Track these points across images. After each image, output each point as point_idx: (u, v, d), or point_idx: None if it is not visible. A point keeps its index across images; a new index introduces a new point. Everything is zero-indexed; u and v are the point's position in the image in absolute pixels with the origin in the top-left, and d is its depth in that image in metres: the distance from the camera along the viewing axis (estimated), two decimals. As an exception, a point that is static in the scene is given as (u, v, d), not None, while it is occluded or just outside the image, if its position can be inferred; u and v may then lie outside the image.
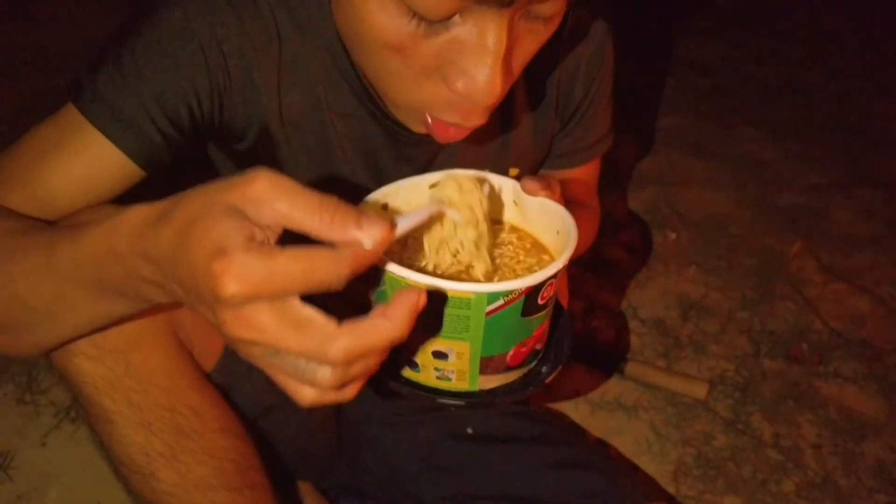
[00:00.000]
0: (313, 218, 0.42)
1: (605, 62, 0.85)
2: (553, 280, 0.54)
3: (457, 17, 0.52)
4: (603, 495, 0.85)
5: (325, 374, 0.43)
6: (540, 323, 0.57)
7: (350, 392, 0.46)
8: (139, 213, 0.47)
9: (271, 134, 0.72)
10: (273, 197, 0.42)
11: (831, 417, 1.27)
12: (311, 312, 0.42)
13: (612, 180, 1.10)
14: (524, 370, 0.60)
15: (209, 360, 0.73)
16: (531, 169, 0.89)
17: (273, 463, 0.78)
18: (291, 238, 0.43)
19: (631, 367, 1.29)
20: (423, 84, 0.57)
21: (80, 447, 1.09)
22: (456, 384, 0.57)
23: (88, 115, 0.64)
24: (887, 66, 2.56)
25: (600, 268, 1.57)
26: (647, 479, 1.14)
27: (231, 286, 0.40)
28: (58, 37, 2.27)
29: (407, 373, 0.58)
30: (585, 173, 0.95)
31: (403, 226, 0.47)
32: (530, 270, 0.61)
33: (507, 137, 0.82)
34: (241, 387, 0.75)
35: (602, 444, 1.18)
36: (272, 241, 0.42)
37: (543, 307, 0.56)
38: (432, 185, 0.64)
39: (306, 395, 0.44)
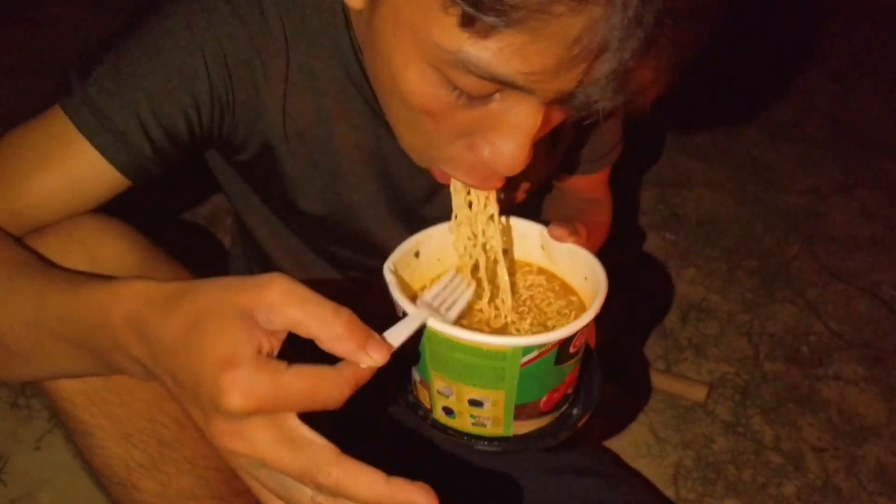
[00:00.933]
0: (323, 329, 0.43)
1: None
2: (584, 329, 0.55)
3: (497, 95, 0.50)
4: (604, 501, 0.84)
5: (306, 496, 0.43)
6: (571, 369, 0.59)
7: None
8: (142, 290, 0.46)
9: (273, 148, 0.70)
10: (286, 304, 0.42)
11: (832, 420, 1.26)
12: (311, 434, 0.43)
13: (612, 182, 1.09)
14: (556, 414, 0.61)
15: None
16: (543, 183, 0.88)
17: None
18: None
19: (630, 370, 1.28)
20: (447, 146, 0.56)
21: (74, 451, 1.08)
22: (491, 430, 0.58)
23: (77, 122, 0.62)
24: (887, 68, 2.56)
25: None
26: (647, 483, 1.13)
27: (236, 400, 0.40)
28: (59, 39, 2.27)
29: (443, 418, 0.59)
30: (600, 178, 0.97)
31: (398, 339, 0.48)
32: (560, 313, 0.63)
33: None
34: None
35: (602, 448, 1.17)
36: (276, 347, 0.43)
37: (575, 355, 0.57)
38: (456, 223, 0.65)
39: None
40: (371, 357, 0.44)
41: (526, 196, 0.85)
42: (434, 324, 0.52)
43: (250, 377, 0.40)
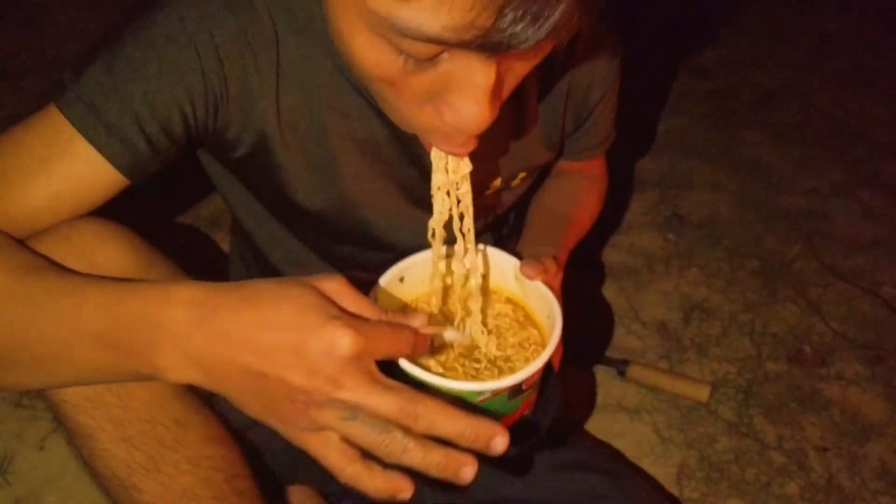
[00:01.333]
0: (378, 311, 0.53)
1: (618, 70, 0.88)
2: (534, 373, 0.62)
3: (445, 55, 0.50)
4: (606, 498, 0.84)
5: (394, 437, 0.49)
6: (526, 398, 0.66)
7: (384, 488, 0.53)
8: (200, 286, 0.52)
9: (268, 139, 0.70)
10: (345, 293, 0.52)
11: (835, 420, 1.26)
12: (395, 381, 0.50)
13: (614, 183, 1.10)
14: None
15: None
16: (539, 175, 0.90)
17: (265, 471, 0.77)
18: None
19: (633, 370, 1.28)
20: (417, 112, 0.56)
21: (79, 451, 1.08)
22: None
23: (72, 119, 0.61)
24: (886, 69, 2.56)
25: (602, 270, 1.56)
26: (651, 480, 1.13)
27: (348, 337, 0.47)
28: (58, 41, 2.27)
29: None
30: (593, 165, 1.01)
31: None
32: (521, 345, 0.71)
33: (517, 143, 0.82)
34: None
35: (605, 446, 1.17)
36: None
37: (527, 390, 0.64)
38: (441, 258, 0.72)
39: (350, 471, 0.52)
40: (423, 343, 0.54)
41: (522, 183, 0.87)
42: (405, 365, 0.58)
43: (352, 323, 0.47)
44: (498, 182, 0.83)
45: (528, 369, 0.60)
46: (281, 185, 0.74)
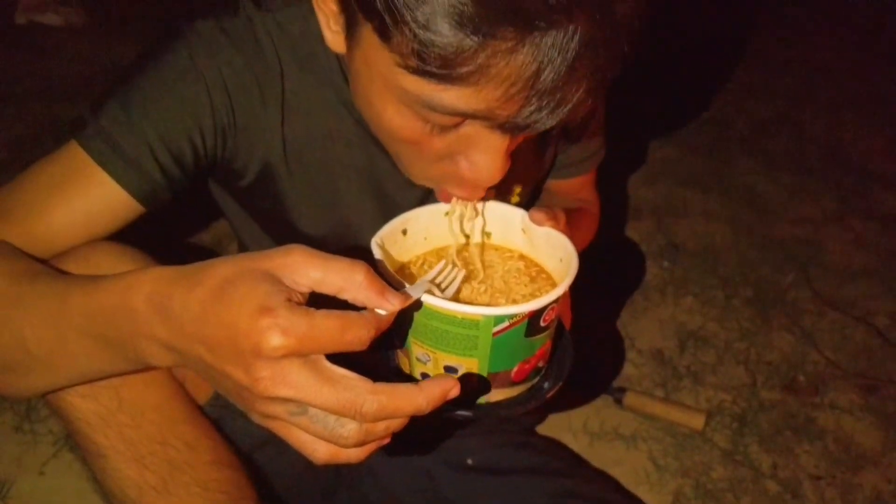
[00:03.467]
0: (345, 281, 0.46)
1: None
2: (554, 305, 0.59)
3: (466, 121, 0.56)
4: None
5: (350, 429, 0.46)
6: (542, 343, 0.62)
7: (364, 453, 0.49)
8: (160, 274, 0.49)
9: (273, 168, 0.74)
10: (308, 265, 0.46)
11: (829, 449, 1.28)
12: (345, 371, 0.46)
13: (610, 211, 1.11)
14: (528, 385, 0.64)
15: (202, 393, 0.74)
16: (535, 186, 0.92)
17: (270, 494, 0.78)
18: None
19: (629, 398, 1.29)
20: (433, 166, 0.62)
21: (79, 476, 1.09)
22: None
23: (91, 152, 0.65)
24: (877, 99, 2.60)
25: (598, 298, 1.58)
26: (647, 510, 1.14)
27: (276, 339, 0.43)
28: (62, 68, 2.30)
29: None
30: (585, 181, 1.01)
31: (412, 294, 0.53)
32: (532, 295, 0.66)
33: (511, 158, 0.84)
34: (234, 419, 0.75)
35: (601, 474, 1.18)
36: (303, 303, 0.46)
37: (545, 329, 0.61)
38: (447, 213, 0.70)
39: (323, 452, 0.47)
40: (390, 303, 0.47)
41: (520, 199, 0.89)
42: (412, 290, 0.55)
43: (286, 317, 0.43)
44: (493, 196, 0.85)
45: (548, 297, 0.58)
46: (284, 212, 0.77)
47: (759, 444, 1.27)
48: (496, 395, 0.62)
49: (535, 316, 0.58)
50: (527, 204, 0.93)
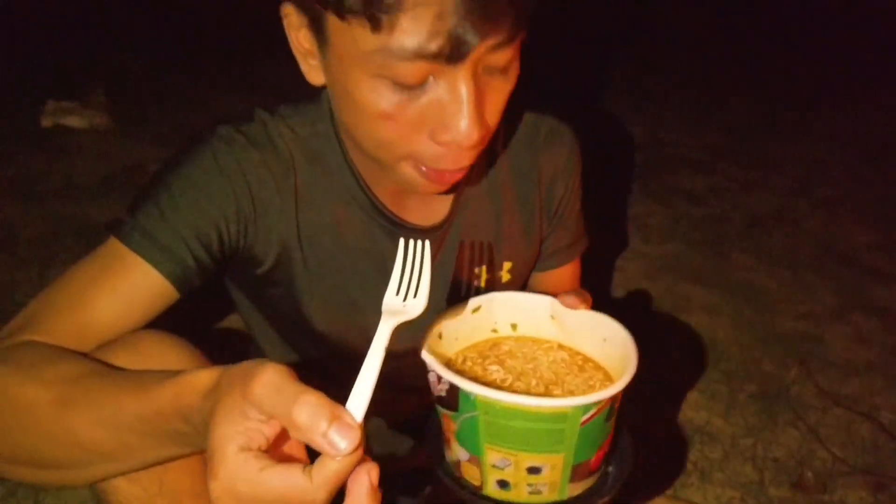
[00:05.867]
0: (288, 422, 0.46)
1: (576, 164, 0.96)
2: (625, 388, 0.58)
3: (430, 80, 0.64)
4: None
5: None
6: (611, 427, 0.62)
7: None
8: (203, 380, 0.52)
9: (290, 252, 0.81)
10: (264, 397, 0.46)
11: (840, 548, 1.26)
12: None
13: (612, 305, 1.15)
14: (600, 472, 0.64)
15: None
16: (525, 266, 0.96)
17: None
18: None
19: (637, 495, 1.29)
20: (412, 140, 0.67)
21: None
22: (547, 496, 0.60)
23: (129, 243, 0.72)
24: (871, 197, 2.68)
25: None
26: None
27: (215, 489, 0.46)
28: (83, 167, 2.40)
29: (496, 493, 0.60)
30: (570, 271, 1.04)
31: (360, 405, 0.49)
32: (587, 384, 0.66)
33: (499, 235, 0.91)
34: None
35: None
36: (271, 435, 0.47)
37: (615, 412, 0.60)
38: (475, 310, 0.71)
39: None
40: (335, 448, 0.44)
41: (510, 275, 0.93)
42: (491, 393, 0.54)
43: (229, 479, 0.45)
44: (484, 270, 0.90)
45: (626, 376, 0.57)
46: (296, 297, 0.84)
47: (769, 543, 1.26)
48: (577, 487, 0.61)
49: (614, 399, 0.57)
50: (517, 282, 0.97)
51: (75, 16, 3.85)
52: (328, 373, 0.91)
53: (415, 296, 0.59)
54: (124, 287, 0.72)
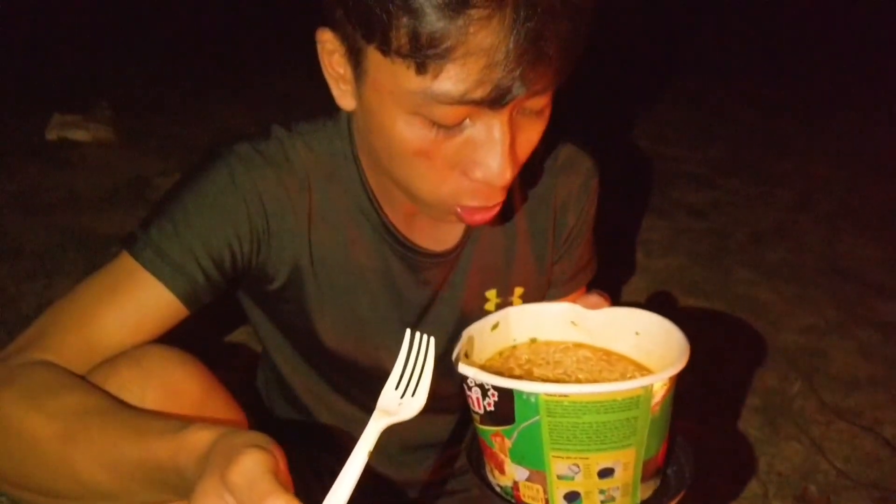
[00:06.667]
0: None
1: (591, 193, 0.94)
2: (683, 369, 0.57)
3: (468, 121, 0.64)
4: None
5: None
6: (671, 415, 0.59)
7: None
8: (201, 443, 0.54)
9: (301, 271, 0.81)
10: (239, 488, 0.48)
11: (845, 563, 1.26)
12: None
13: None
14: (664, 472, 0.62)
15: None
16: (537, 292, 0.95)
17: None
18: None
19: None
20: (446, 179, 0.67)
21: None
22: (619, 502, 0.57)
23: (141, 260, 0.72)
24: (872, 211, 2.69)
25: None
26: None
27: None
28: (87, 180, 2.40)
29: None
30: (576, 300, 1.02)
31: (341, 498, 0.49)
32: (623, 376, 0.64)
33: (510, 259, 0.90)
34: None
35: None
36: None
37: (672, 400, 0.58)
38: (493, 327, 0.71)
39: None
40: None
41: (522, 300, 0.92)
42: (559, 388, 0.51)
43: None
44: (494, 294, 0.90)
45: (685, 352, 0.56)
46: (307, 314, 0.84)
47: (773, 557, 1.26)
48: (647, 488, 0.59)
49: (675, 382, 0.55)
50: None
51: (81, 30, 3.88)
52: (338, 387, 0.92)
53: (413, 394, 0.57)
54: (134, 304, 0.72)
